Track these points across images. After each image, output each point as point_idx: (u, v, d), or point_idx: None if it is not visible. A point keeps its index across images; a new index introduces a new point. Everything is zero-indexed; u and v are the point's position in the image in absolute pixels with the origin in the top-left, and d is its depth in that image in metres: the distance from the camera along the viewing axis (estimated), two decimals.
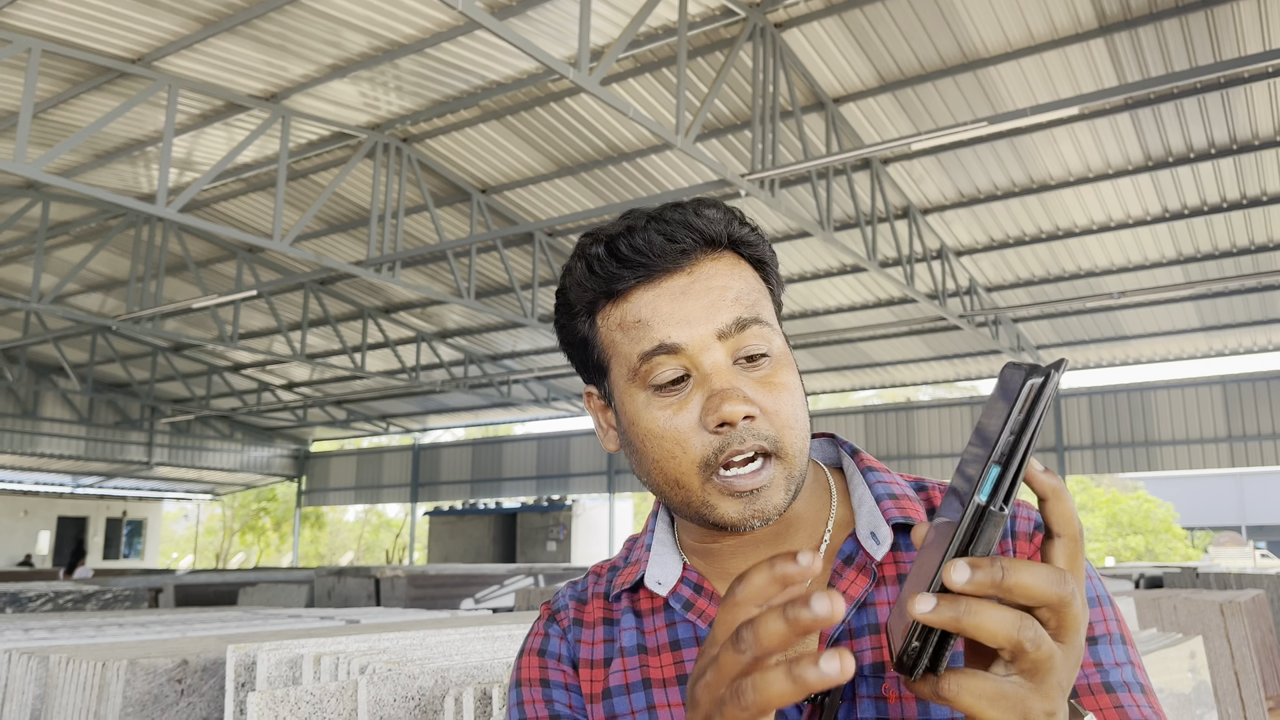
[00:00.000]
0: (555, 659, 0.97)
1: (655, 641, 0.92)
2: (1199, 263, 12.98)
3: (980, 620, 0.53)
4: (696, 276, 0.87)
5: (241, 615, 4.72)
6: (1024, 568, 0.54)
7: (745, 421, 0.83)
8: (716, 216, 0.88)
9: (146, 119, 10.56)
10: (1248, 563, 22.56)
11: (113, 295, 17.31)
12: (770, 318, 0.89)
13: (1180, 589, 8.81)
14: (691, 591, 0.92)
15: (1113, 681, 0.80)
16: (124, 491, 29.49)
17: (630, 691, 0.91)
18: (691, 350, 0.84)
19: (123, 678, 1.37)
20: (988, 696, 0.55)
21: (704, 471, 0.84)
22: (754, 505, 0.84)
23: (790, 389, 0.87)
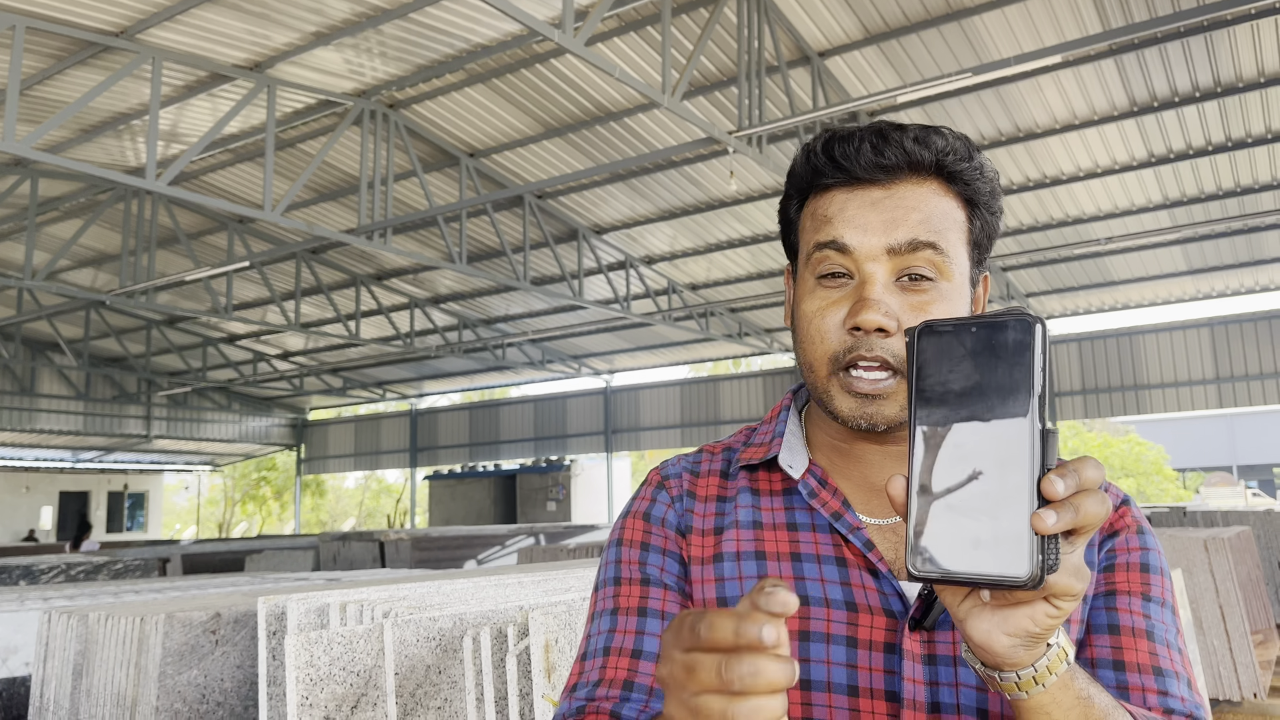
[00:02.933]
0: (659, 523, 1.01)
1: (772, 519, 0.98)
2: (1185, 206, 13.05)
3: (1089, 509, 0.62)
4: (892, 193, 0.92)
5: (252, 580, 4.83)
6: (1083, 465, 0.64)
7: (878, 334, 0.89)
8: (936, 144, 0.92)
9: (131, 92, 10.52)
10: (1239, 502, 22.86)
11: (105, 270, 17.29)
12: (953, 251, 0.92)
13: (1168, 528, 9.00)
14: (817, 483, 0.98)
15: (1155, 633, 0.90)
16: (124, 465, 29.60)
17: (741, 559, 0.95)
18: (859, 255, 0.91)
19: (161, 630, 1.48)
20: (1073, 572, 0.64)
21: (832, 364, 0.91)
22: (866, 408, 0.90)
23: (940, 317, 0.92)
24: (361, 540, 11.84)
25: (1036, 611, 0.65)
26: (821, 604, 0.91)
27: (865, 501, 0.98)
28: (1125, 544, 0.95)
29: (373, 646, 1.56)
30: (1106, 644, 0.89)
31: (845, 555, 0.93)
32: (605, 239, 15.13)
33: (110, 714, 1.55)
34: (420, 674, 1.65)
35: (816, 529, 0.95)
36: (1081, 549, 0.65)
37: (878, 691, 0.87)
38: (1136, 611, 0.90)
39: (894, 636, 0.88)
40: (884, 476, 0.97)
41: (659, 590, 0.98)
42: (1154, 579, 0.93)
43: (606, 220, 14.59)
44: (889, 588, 0.90)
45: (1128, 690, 0.87)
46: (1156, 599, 0.92)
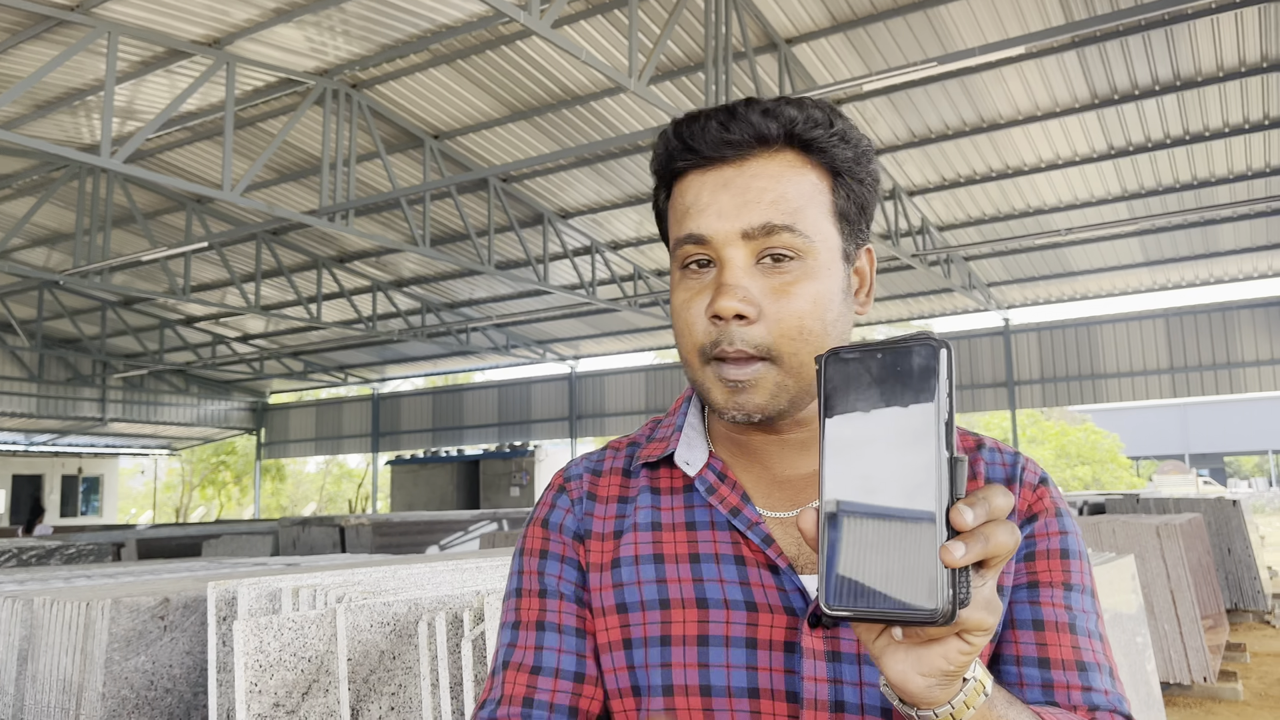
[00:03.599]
0: (557, 530, 0.99)
1: (671, 519, 0.95)
2: (1143, 198, 13.25)
3: (998, 539, 0.61)
4: (743, 171, 0.89)
5: (209, 565, 4.77)
6: (993, 493, 0.63)
7: (738, 321, 0.87)
8: (787, 114, 0.89)
9: (87, 67, 10.28)
10: (1191, 490, 23.36)
11: (59, 249, 16.94)
12: (814, 229, 0.89)
13: (1121, 514, 9.16)
14: (716, 478, 0.95)
15: (1078, 625, 0.89)
16: (79, 448, 29.12)
17: (640, 563, 0.93)
18: (715, 243, 0.88)
19: (108, 615, 1.45)
20: (984, 605, 0.63)
21: (702, 357, 0.90)
22: (736, 397, 0.88)
23: (806, 299, 0.88)
24: (322, 525, 11.73)
25: (949, 649, 0.64)
26: (720, 606, 0.89)
27: (766, 495, 0.95)
28: (1045, 528, 0.93)
29: (325, 632, 1.54)
30: (1031, 640, 0.88)
31: (744, 553, 0.91)
32: (571, 223, 15.06)
33: (56, 700, 1.52)
34: (374, 660, 1.62)
35: (715, 526, 0.93)
36: (993, 581, 0.64)
37: (778, 693, 0.86)
38: (1059, 604, 0.89)
39: (794, 635, 0.87)
40: (784, 468, 0.96)
41: (555, 602, 0.96)
42: (1074, 564, 0.92)
43: (572, 204, 14.52)
44: (789, 584, 0.88)
45: (1053, 688, 0.86)
46: (1077, 586, 0.91)
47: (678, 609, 0.90)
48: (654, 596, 0.92)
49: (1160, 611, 6.59)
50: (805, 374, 0.89)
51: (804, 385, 0.89)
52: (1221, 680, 6.53)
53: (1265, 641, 8.38)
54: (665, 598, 0.91)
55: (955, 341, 19.69)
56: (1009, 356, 18.95)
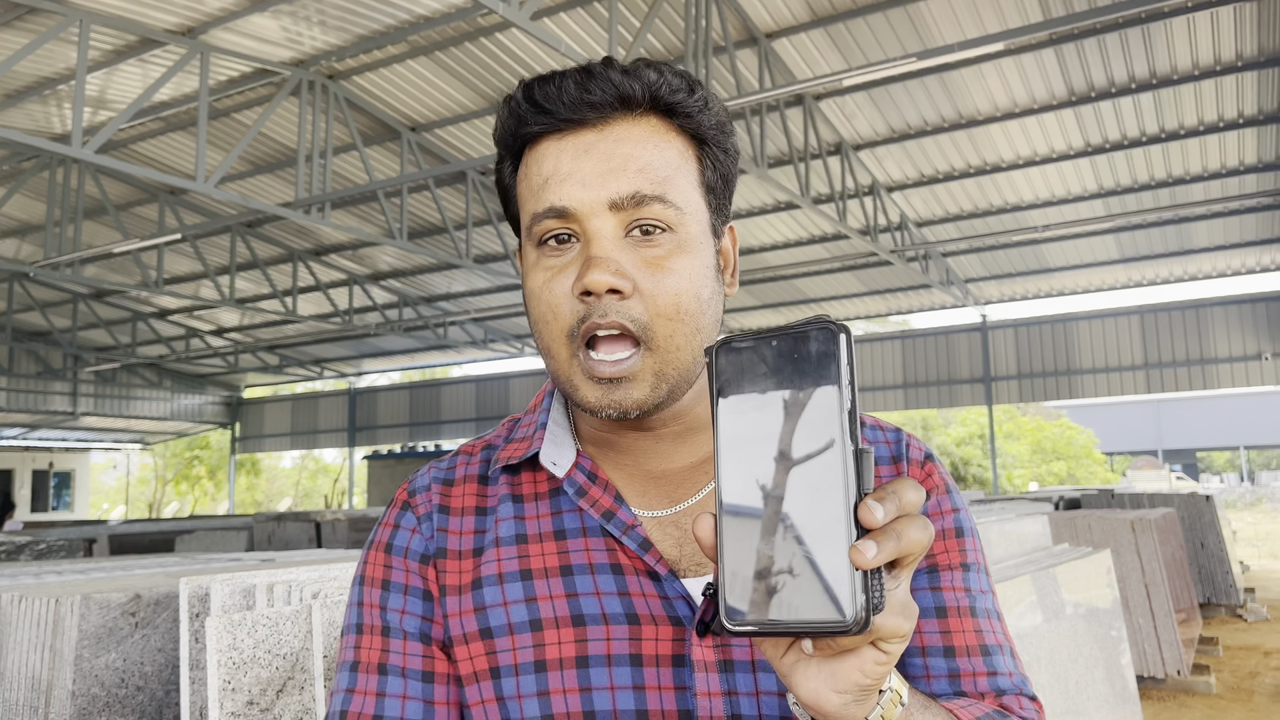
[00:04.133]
0: (401, 554, 0.89)
1: (537, 529, 0.86)
2: (1119, 196, 13.36)
3: (912, 536, 0.55)
4: (605, 135, 0.81)
5: (182, 560, 4.71)
6: (902, 487, 0.57)
7: (612, 296, 0.78)
8: (649, 78, 0.82)
9: (57, 56, 10.12)
10: (1164, 485, 23.60)
11: (29, 241, 16.70)
12: (684, 199, 0.82)
13: (1096, 509, 9.24)
14: (586, 479, 0.87)
15: (978, 608, 0.86)
16: (49, 443, 28.78)
17: (504, 581, 0.84)
18: (580, 215, 0.80)
19: (77, 612, 1.41)
20: (899, 610, 0.57)
21: (571, 343, 0.81)
22: (613, 394, 0.80)
23: (682, 275, 0.81)
24: (297, 520, 11.65)
25: (865, 661, 0.58)
26: (599, 622, 0.81)
27: (641, 493, 0.88)
28: (938, 507, 0.88)
29: (300, 628, 1.50)
30: (935, 629, 0.84)
31: (620, 560, 0.83)
32: None
33: (25, 698, 1.48)
34: None
35: (587, 533, 0.85)
36: (907, 583, 0.58)
37: (669, 713, 0.78)
38: (959, 587, 0.86)
39: (682, 647, 0.79)
40: (659, 463, 0.88)
41: (398, 641, 0.86)
42: (968, 543, 0.88)
43: None
44: (672, 591, 0.81)
45: (959, 677, 0.83)
46: (974, 565, 0.88)
47: (551, 629, 0.81)
48: (523, 618, 0.82)
49: (1135, 605, 6.65)
50: (682, 359, 0.81)
51: (682, 372, 0.82)
52: (1195, 674, 6.60)
53: (1238, 635, 8.48)
54: (536, 618, 0.82)
55: (934, 338, 19.81)
56: (986, 352, 19.08)
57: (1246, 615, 9.38)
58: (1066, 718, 3.46)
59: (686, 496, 0.88)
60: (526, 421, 0.95)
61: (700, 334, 0.82)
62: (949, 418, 35.66)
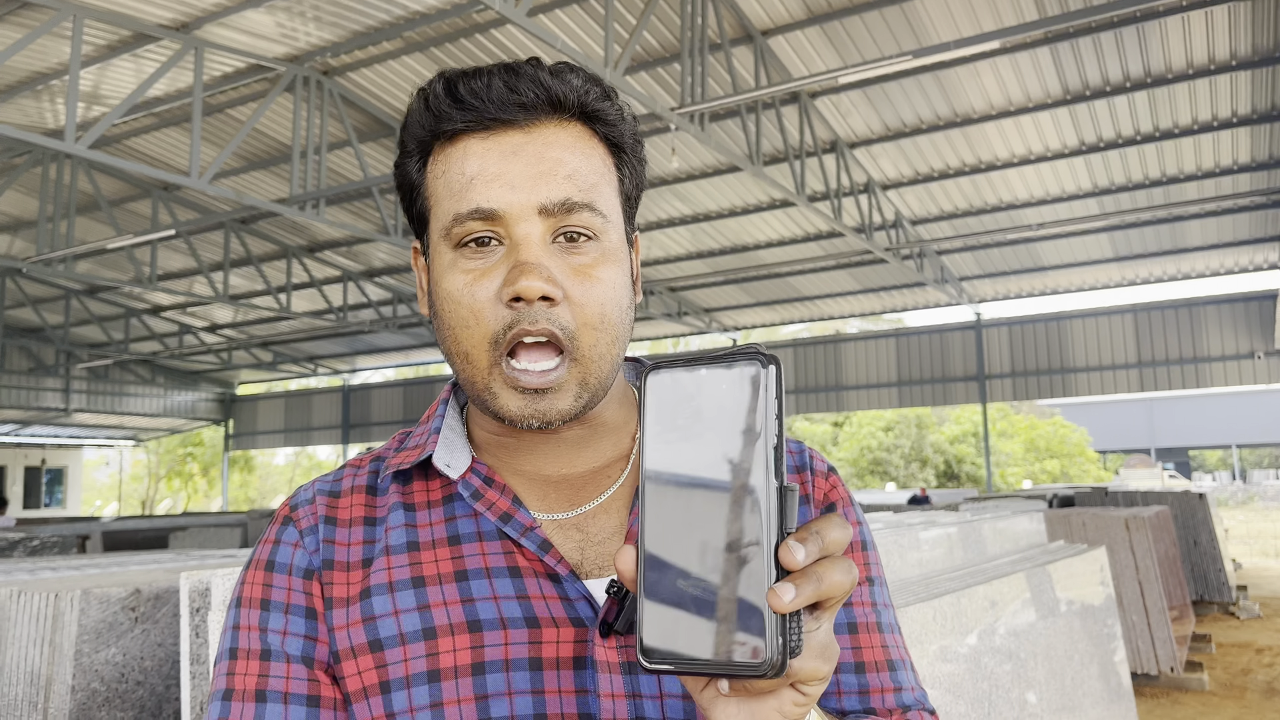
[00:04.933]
0: (284, 571, 0.83)
1: (430, 536, 0.83)
2: (1113, 194, 13.39)
3: (833, 579, 0.54)
4: (533, 138, 0.79)
5: (177, 556, 4.69)
6: (827, 526, 0.56)
7: (542, 303, 0.77)
8: (574, 83, 0.81)
9: (51, 51, 10.08)
10: (1156, 483, 23.70)
11: (21, 236, 16.63)
12: (608, 207, 0.81)
13: (1090, 507, 9.26)
14: (481, 482, 0.85)
15: (884, 623, 0.87)
16: (42, 439, 28.69)
17: (395, 590, 0.80)
18: (508, 218, 0.78)
19: (77, 607, 1.40)
20: (818, 652, 0.56)
21: (494, 350, 0.78)
22: (537, 404, 0.78)
23: (608, 285, 0.80)
24: None
25: (784, 702, 0.57)
26: (496, 626, 0.77)
27: (541, 497, 0.86)
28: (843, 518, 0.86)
29: None
30: (846, 645, 0.84)
31: (519, 563, 0.80)
32: None
33: (24, 693, 1.48)
34: None
35: (483, 537, 0.82)
36: (828, 624, 0.57)
37: (570, 716, 0.75)
38: (866, 603, 0.86)
39: (584, 649, 0.77)
40: (559, 467, 0.87)
41: (281, 665, 0.79)
42: (871, 556, 0.89)
43: None
44: (574, 592, 0.79)
45: (869, 693, 0.83)
46: (877, 579, 0.89)
47: (445, 636, 0.77)
48: (415, 626, 0.78)
49: (1129, 603, 6.67)
50: (603, 368, 0.80)
51: (602, 381, 0.81)
52: (1188, 670, 6.62)
53: (1230, 632, 8.52)
54: (430, 625, 0.78)
55: (928, 336, 19.84)
56: (980, 351, 19.11)
57: (1239, 613, 9.42)
58: (1063, 714, 3.47)
59: (588, 500, 0.86)
60: (419, 432, 0.91)
61: (618, 344, 0.82)
62: (943, 416, 35.74)
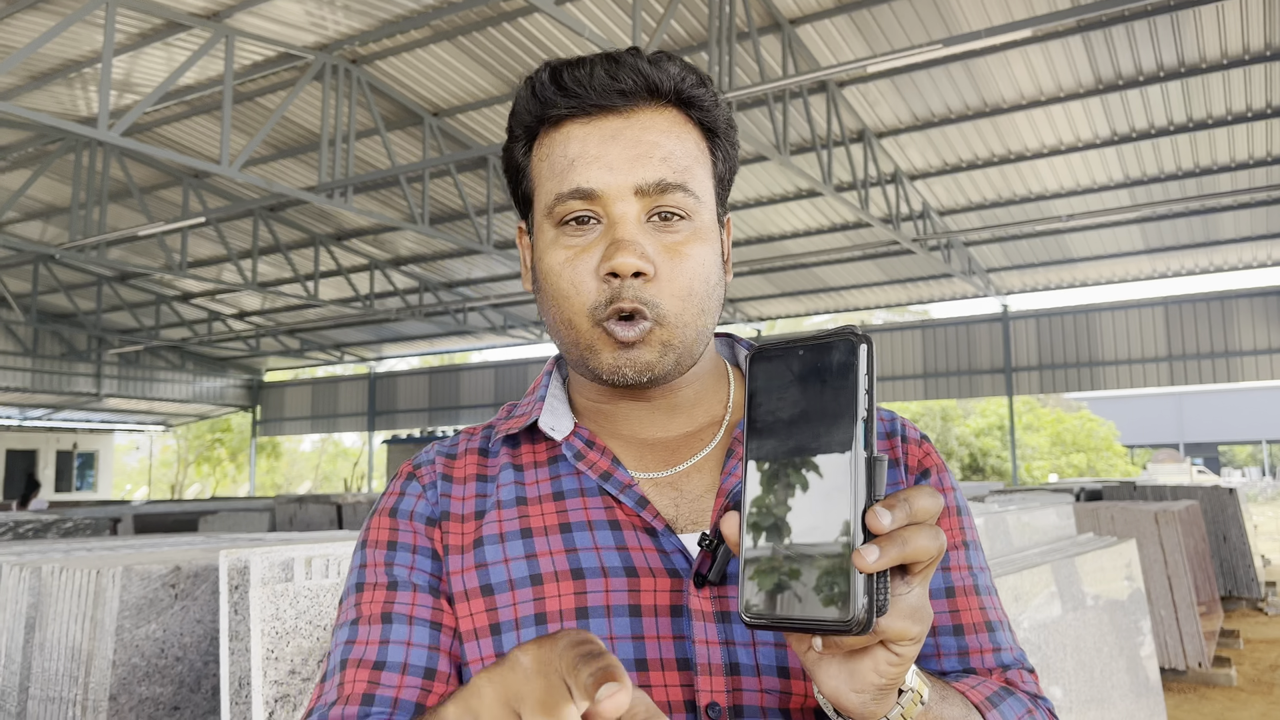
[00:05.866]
0: (407, 518, 0.91)
1: (537, 492, 0.90)
2: (1145, 186, 13.23)
3: (917, 544, 0.58)
4: (631, 123, 0.85)
5: (207, 540, 4.75)
6: (917, 494, 0.60)
7: (636, 279, 0.82)
8: (671, 70, 0.86)
9: (84, 38, 10.19)
10: (1185, 478, 23.44)
11: (54, 223, 16.85)
12: (701, 189, 0.86)
13: (1119, 500, 9.19)
14: (583, 444, 0.91)
15: (980, 585, 0.89)
16: (74, 424, 29.09)
17: (505, 540, 0.87)
18: (606, 198, 0.83)
19: (119, 583, 1.43)
20: (909, 614, 0.60)
21: (592, 318, 0.84)
22: (626, 354, 0.84)
23: (696, 261, 0.85)
24: (319, 503, 11.74)
25: (878, 661, 0.61)
26: (598, 574, 0.83)
27: (638, 458, 0.92)
28: (939, 484, 0.91)
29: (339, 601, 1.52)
30: (945, 608, 0.87)
31: (618, 517, 0.87)
32: None
33: (64, 668, 1.51)
34: None
35: (585, 493, 0.89)
36: (920, 588, 0.61)
37: (669, 661, 0.80)
38: (963, 566, 0.89)
39: (680, 598, 0.82)
40: (654, 432, 0.93)
41: (407, 593, 0.86)
42: (965, 520, 0.91)
43: None
44: (669, 545, 0.84)
45: (968, 654, 0.86)
46: (972, 543, 0.91)
47: (551, 583, 0.84)
48: (524, 573, 0.85)
49: (1157, 597, 6.62)
50: (687, 334, 0.85)
51: (686, 345, 0.86)
52: (1216, 666, 6.57)
53: (1259, 628, 8.43)
54: (537, 573, 0.84)
55: (954, 328, 19.70)
56: (1007, 343, 18.96)
57: (1267, 609, 9.33)
58: (1092, 706, 3.46)
59: (681, 460, 0.91)
60: (525, 401, 0.99)
61: (705, 315, 0.87)
62: (968, 408, 35.49)
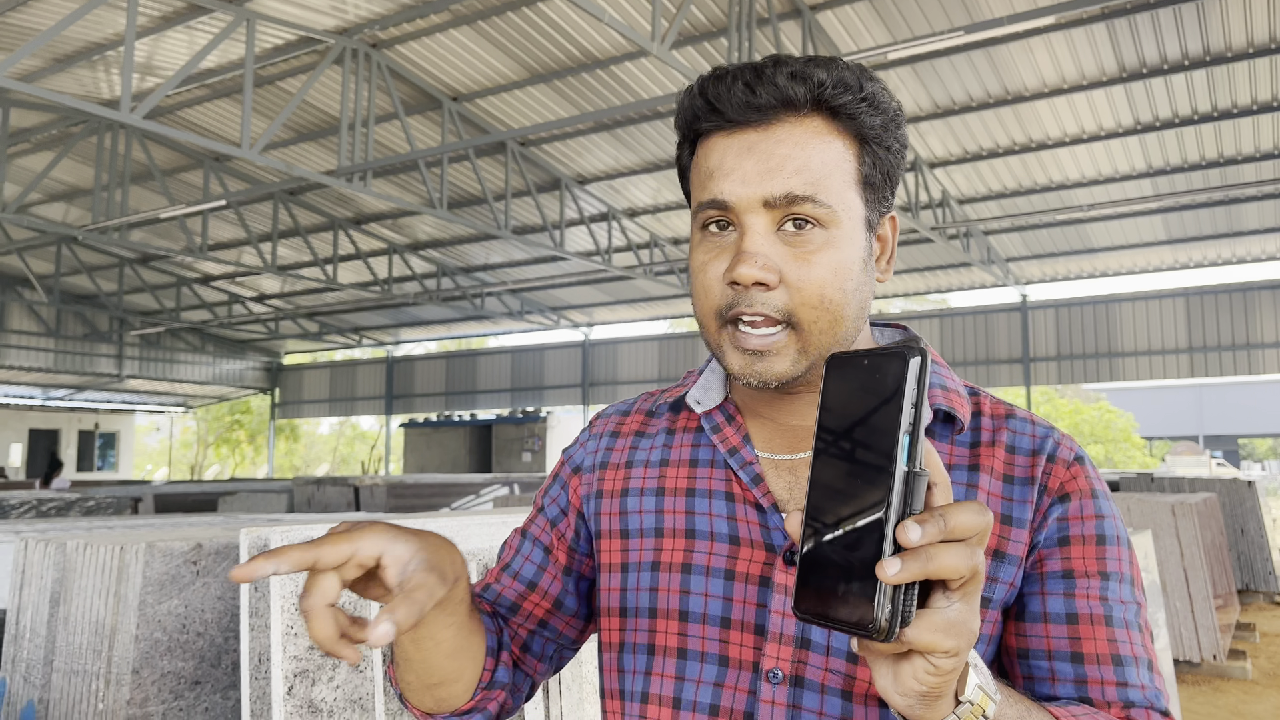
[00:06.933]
0: (568, 460, 1.10)
1: (678, 456, 1.01)
2: (1168, 175, 13.10)
3: (943, 561, 0.60)
4: (768, 135, 0.87)
5: (226, 520, 4.81)
6: (956, 510, 0.61)
7: (758, 288, 0.86)
8: (817, 77, 0.87)
9: (106, 21, 10.25)
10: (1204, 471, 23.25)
11: (77, 205, 16.99)
12: (837, 197, 0.87)
13: (1136, 492, 9.14)
14: (724, 419, 0.99)
15: (1115, 617, 0.86)
16: (95, 404, 29.36)
17: (644, 495, 1.00)
18: (737, 210, 0.87)
19: (142, 559, 1.46)
20: (942, 628, 0.61)
21: (719, 319, 0.89)
22: (756, 364, 0.88)
23: (826, 268, 0.86)
24: (336, 485, 11.83)
25: (916, 669, 0.63)
26: (706, 537, 0.94)
27: (768, 439, 0.98)
28: (1079, 511, 0.90)
29: None
30: (1064, 634, 0.86)
31: (734, 490, 0.95)
32: (588, 189, 15.00)
33: (88, 642, 1.54)
34: None
35: (714, 464, 0.98)
36: (962, 604, 0.63)
37: (748, 624, 0.89)
38: (1094, 595, 0.87)
39: (770, 570, 0.90)
40: (790, 418, 0.98)
41: (542, 519, 1.08)
42: (1110, 551, 0.89)
43: (590, 170, 14.46)
44: (773, 522, 0.91)
45: (1086, 684, 0.85)
46: (1115, 574, 0.88)
47: (669, 538, 0.96)
48: (651, 525, 0.98)
49: (1173, 589, 6.59)
50: (824, 340, 0.88)
51: (823, 351, 0.89)
52: (1231, 659, 6.54)
53: (1275, 622, 8.39)
54: (660, 526, 0.97)
55: (973, 317, 19.60)
56: (1026, 333, 18.85)
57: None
58: None
59: (805, 448, 0.97)
60: (692, 373, 1.08)
61: (844, 321, 0.89)
62: None
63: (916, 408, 0.61)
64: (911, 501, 0.61)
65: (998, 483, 0.90)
